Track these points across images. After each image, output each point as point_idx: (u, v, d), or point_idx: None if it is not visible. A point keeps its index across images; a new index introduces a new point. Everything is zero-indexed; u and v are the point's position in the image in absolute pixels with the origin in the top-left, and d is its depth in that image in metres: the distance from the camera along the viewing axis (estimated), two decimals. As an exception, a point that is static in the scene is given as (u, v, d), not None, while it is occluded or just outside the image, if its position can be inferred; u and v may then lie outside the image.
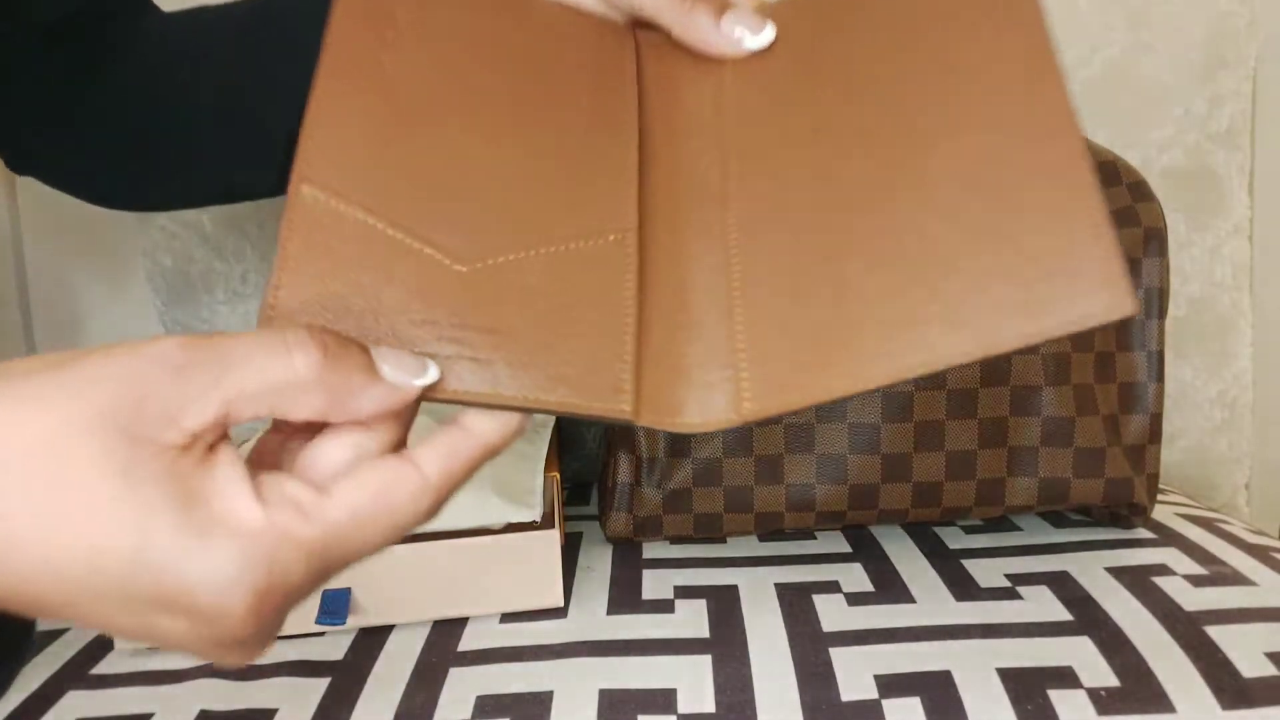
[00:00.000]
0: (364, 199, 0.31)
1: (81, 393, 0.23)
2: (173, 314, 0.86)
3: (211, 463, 0.24)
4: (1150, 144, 0.83)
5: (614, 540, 0.61)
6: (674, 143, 0.37)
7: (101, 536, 0.22)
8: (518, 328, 0.31)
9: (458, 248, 0.32)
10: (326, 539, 0.25)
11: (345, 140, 0.32)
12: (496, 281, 0.32)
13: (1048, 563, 0.55)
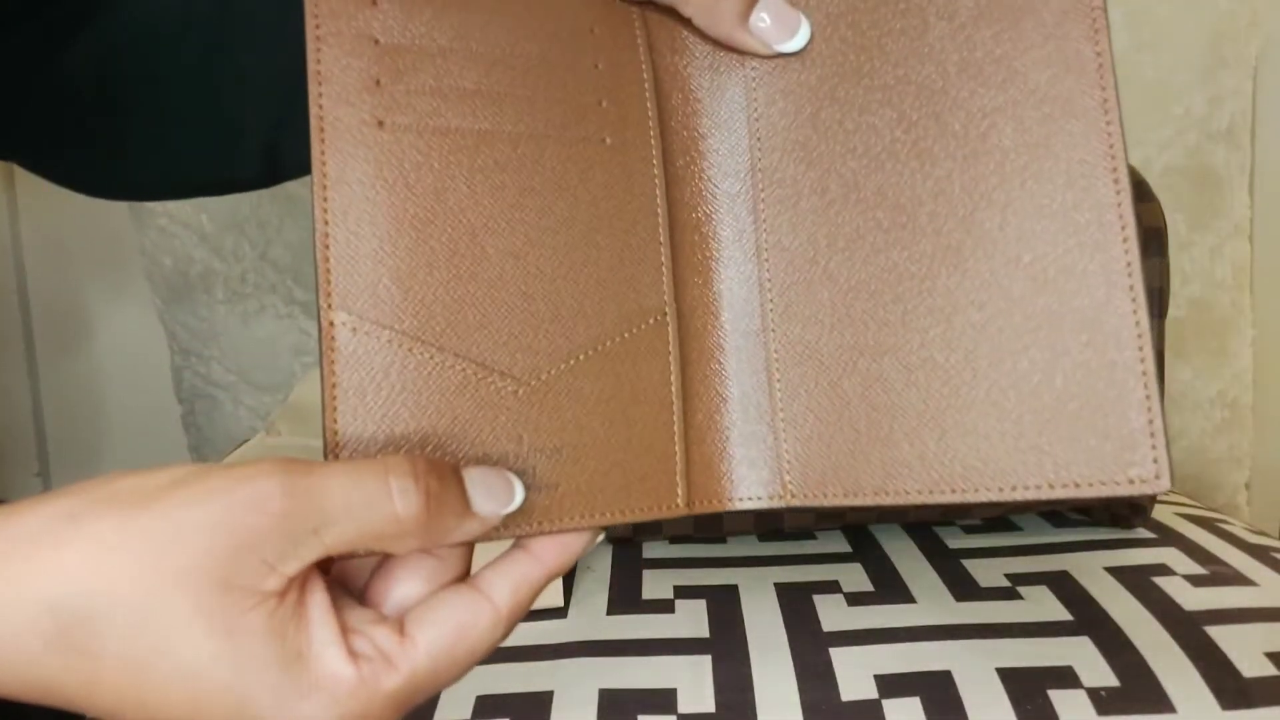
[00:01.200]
0: (402, 321, 0.28)
1: (175, 543, 0.22)
2: (172, 313, 0.86)
3: (306, 617, 0.24)
4: (1150, 144, 0.83)
5: (614, 540, 0.61)
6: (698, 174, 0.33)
7: (203, 695, 0.23)
8: (578, 444, 0.30)
9: (510, 362, 0.29)
10: (412, 684, 0.25)
11: (367, 252, 0.28)
12: (553, 393, 0.30)
13: (1048, 563, 0.55)
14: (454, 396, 0.28)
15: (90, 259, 0.94)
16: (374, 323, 0.28)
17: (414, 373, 0.28)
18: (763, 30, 0.31)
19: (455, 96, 0.30)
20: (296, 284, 0.84)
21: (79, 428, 0.96)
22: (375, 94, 0.29)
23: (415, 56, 0.30)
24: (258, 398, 0.85)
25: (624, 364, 0.31)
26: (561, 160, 0.31)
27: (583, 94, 0.32)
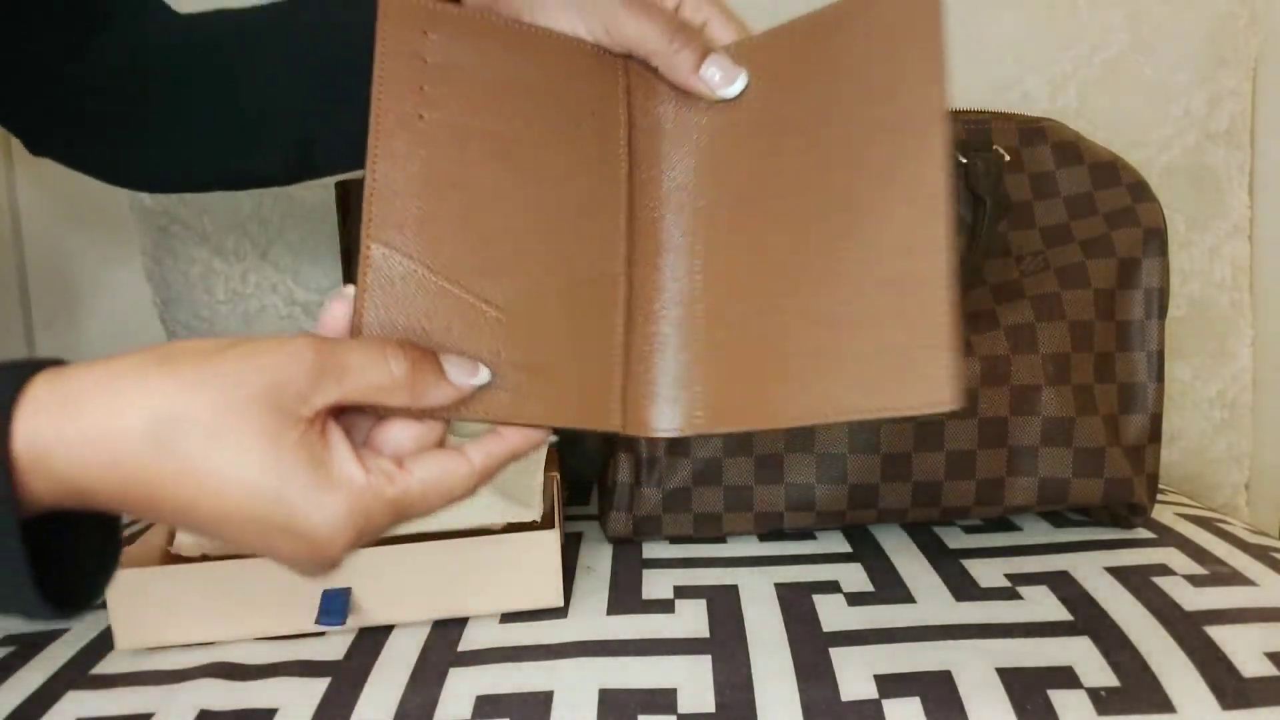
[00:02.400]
0: (419, 254, 0.38)
1: (238, 382, 0.31)
2: (172, 313, 0.86)
3: (328, 439, 0.33)
4: (1150, 144, 0.83)
5: (614, 540, 0.61)
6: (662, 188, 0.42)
7: (255, 484, 0.32)
8: (541, 362, 0.39)
9: (494, 294, 0.39)
10: (406, 499, 0.35)
11: (400, 203, 0.39)
12: (526, 324, 0.39)
13: (1048, 563, 0.55)
14: (449, 314, 0.38)
15: (90, 259, 0.94)
16: (398, 252, 0.38)
17: (421, 292, 0.38)
18: (710, 78, 0.41)
19: (476, 103, 0.40)
20: (297, 284, 0.84)
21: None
22: (419, 96, 0.40)
23: (451, 73, 0.41)
24: (258, 398, 0.85)
25: (583, 311, 0.40)
26: (550, 158, 0.41)
27: (573, 113, 0.42)
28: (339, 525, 0.33)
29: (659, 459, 0.59)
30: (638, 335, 0.41)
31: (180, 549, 0.53)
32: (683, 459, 0.59)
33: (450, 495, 0.37)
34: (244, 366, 0.32)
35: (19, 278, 0.94)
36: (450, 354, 0.37)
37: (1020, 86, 0.82)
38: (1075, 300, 0.58)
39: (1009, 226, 0.61)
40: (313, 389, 0.33)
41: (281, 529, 0.33)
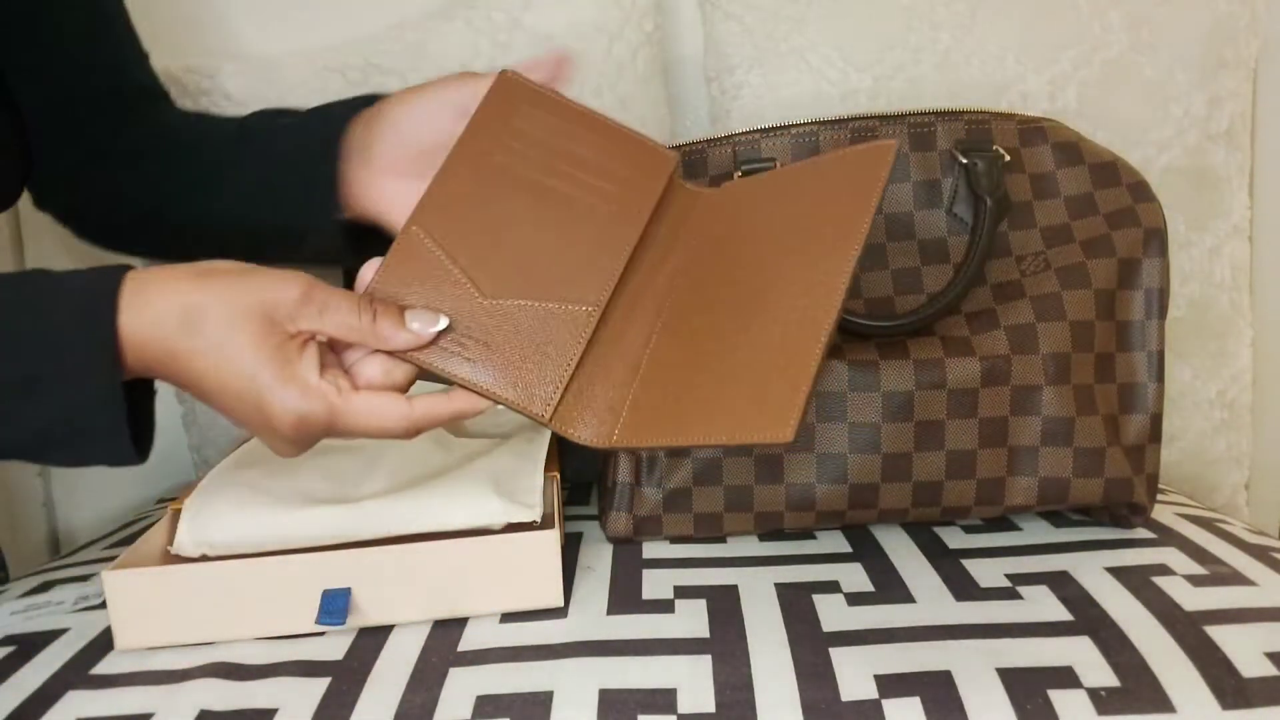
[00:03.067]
0: (444, 242, 0.50)
1: (249, 292, 0.44)
2: (172, 314, 0.86)
3: (304, 351, 0.45)
4: (1150, 144, 0.83)
5: (614, 540, 0.61)
6: (656, 256, 0.54)
7: (242, 367, 0.43)
8: (502, 347, 0.49)
9: (487, 286, 0.50)
10: (340, 409, 0.45)
11: (449, 204, 0.51)
12: (502, 314, 0.50)
13: (1048, 563, 0.55)
14: (445, 288, 0.50)
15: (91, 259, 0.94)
16: (429, 236, 0.50)
17: (433, 269, 0.50)
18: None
19: (533, 161, 0.53)
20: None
21: (79, 427, 0.96)
22: (494, 143, 0.53)
23: (524, 136, 0.54)
24: (258, 398, 0.85)
25: (556, 322, 0.50)
26: (576, 210, 0.53)
27: (609, 184, 0.54)
28: (288, 410, 0.44)
29: (659, 459, 0.59)
30: (591, 357, 0.50)
31: (180, 549, 0.53)
32: (683, 459, 0.59)
33: (382, 426, 0.45)
34: (253, 284, 0.44)
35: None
36: (417, 309, 0.48)
37: (1020, 86, 0.82)
38: (1075, 300, 0.58)
39: (1009, 226, 0.61)
40: (298, 313, 0.44)
41: (255, 406, 0.44)
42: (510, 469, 0.57)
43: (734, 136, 0.62)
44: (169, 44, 0.92)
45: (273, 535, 0.52)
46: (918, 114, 0.62)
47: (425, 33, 0.84)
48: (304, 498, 0.55)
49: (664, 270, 0.53)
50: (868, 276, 0.61)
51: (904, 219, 0.61)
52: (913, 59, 0.83)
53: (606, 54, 0.84)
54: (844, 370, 0.57)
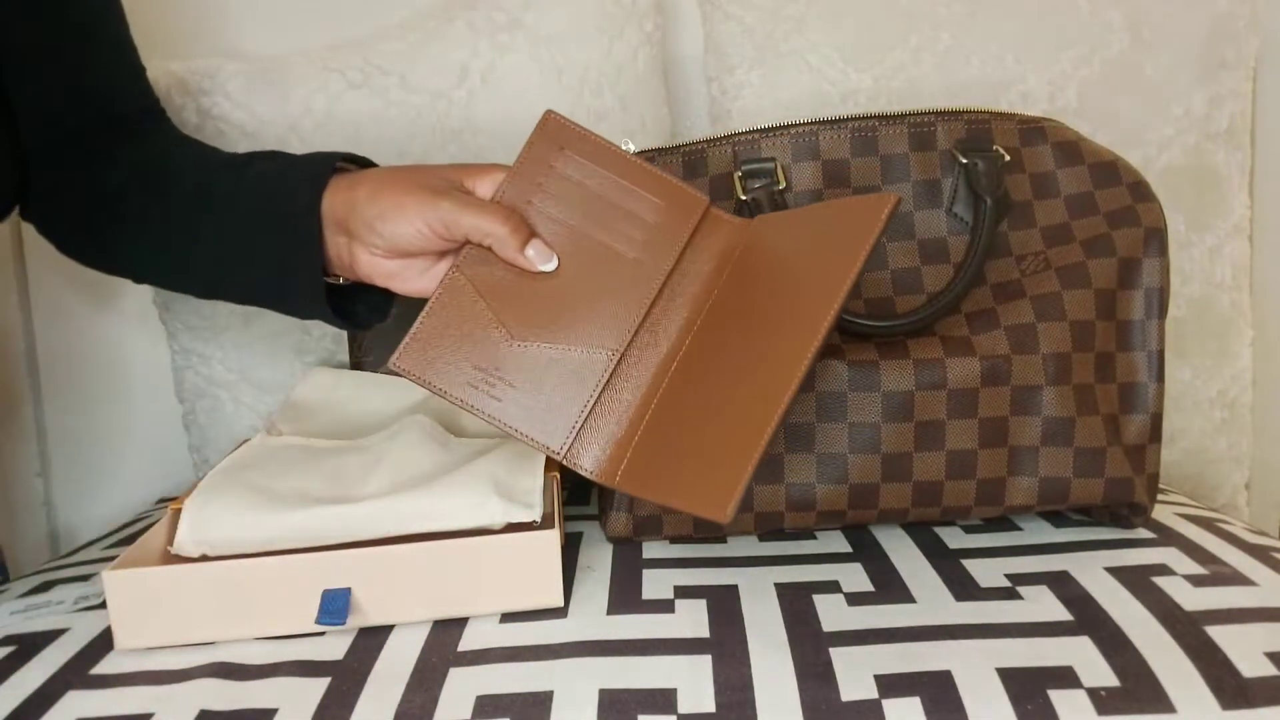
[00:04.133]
0: (480, 287, 0.56)
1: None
2: (173, 313, 0.86)
3: None
4: (1150, 144, 0.83)
5: (614, 540, 0.61)
6: (675, 303, 0.57)
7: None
8: (525, 387, 0.54)
9: (515, 330, 0.55)
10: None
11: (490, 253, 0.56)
12: (527, 358, 0.55)
13: (1048, 563, 0.55)
14: (477, 327, 0.55)
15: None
16: (470, 283, 0.56)
17: (470, 308, 0.55)
18: (530, 257, 0.56)
19: (571, 207, 0.57)
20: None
21: (79, 428, 0.96)
22: (536, 189, 0.57)
23: (565, 181, 0.58)
24: (258, 397, 0.85)
25: (577, 365, 0.55)
26: (605, 255, 0.57)
27: (639, 230, 0.57)
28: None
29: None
30: (606, 396, 0.55)
31: (180, 549, 0.53)
32: (683, 459, 0.59)
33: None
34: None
35: (19, 275, 0.94)
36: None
37: (1020, 86, 0.82)
38: (1075, 300, 0.58)
39: (1009, 226, 0.61)
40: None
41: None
42: (510, 469, 0.57)
43: (734, 136, 0.62)
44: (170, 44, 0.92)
45: (273, 535, 0.52)
46: (918, 114, 0.62)
47: (425, 33, 0.84)
48: (304, 498, 0.55)
49: (684, 312, 0.56)
50: (868, 276, 0.61)
51: (904, 219, 0.61)
52: (913, 59, 0.83)
53: (607, 54, 0.84)
54: (844, 370, 0.57)
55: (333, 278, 0.61)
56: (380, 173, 0.58)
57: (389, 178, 0.57)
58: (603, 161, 0.58)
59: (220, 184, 0.62)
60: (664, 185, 0.58)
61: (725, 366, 0.51)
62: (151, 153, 0.66)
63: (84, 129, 0.65)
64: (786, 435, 0.58)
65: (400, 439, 0.61)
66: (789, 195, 0.61)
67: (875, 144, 0.62)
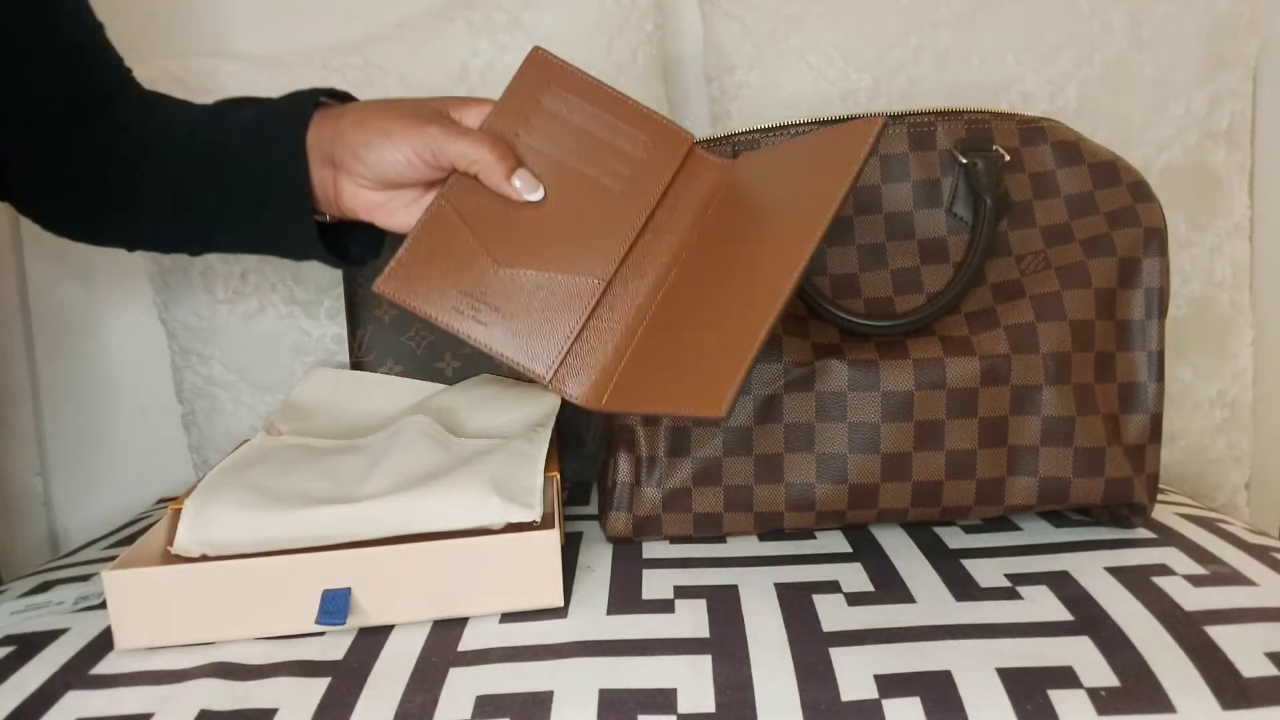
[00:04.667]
0: (465, 215, 0.56)
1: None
2: (173, 312, 0.86)
3: None
4: (1150, 144, 0.83)
5: (614, 540, 0.61)
6: (661, 235, 0.58)
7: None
8: (512, 312, 0.55)
9: (501, 256, 0.56)
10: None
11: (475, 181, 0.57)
12: (513, 282, 0.56)
13: (1048, 563, 0.55)
14: (464, 257, 0.56)
15: (91, 258, 0.94)
16: (455, 211, 0.56)
17: (456, 235, 0.56)
18: (517, 185, 0.56)
19: (557, 141, 0.58)
20: (297, 284, 0.84)
21: (79, 428, 0.96)
22: (523, 123, 0.58)
23: (552, 116, 0.59)
24: (258, 397, 0.85)
25: (564, 291, 0.56)
26: (592, 188, 0.58)
27: (625, 163, 0.58)
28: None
29: (659, 459, 0.59)
30: (593, 324, 0.55)
31: (180, 549, 0.53)
32: (683, 459, 0.59)
33: None
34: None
35: (18, 275, 0.94)
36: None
37: (1020, 86, 0.82)
38: (1075, 300, 0.58)
39: (1009, 226, 0.61)
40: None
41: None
42: (510, 469, 0.57)
43: (734, 136, 0.62)
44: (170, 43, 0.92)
45: (273, 535, 0.52)
46: (918, 114, 0.62)
47: (425, 33, 0.84)
48: (304, 498, 0.55)
49: (671, 243, 0.57)
50: (868, 276, 0.61)
51: (904, 218, 0.61)
52: (913, 59, 0.83)
53: (606, 54, 0.84)
54: (844, 370, 0.57)
55: (320, 215, 0.60)
56: (366, 103, 0.58)
57: (375, 107, 0.57)
58: (589, 97, 0.59)
59: (200, 134, 0.61)
60: (650, 121, 0.59)
61: (712, 290, 0.51)
62: (126, 115, 0.64)
63: (53, 99, 0.63)
64: (786, 435, 0.58)
65: (400, 439, 0.61)
66: (789, 195, 0.62)
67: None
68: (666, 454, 0.59)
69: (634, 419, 0.59)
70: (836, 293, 0.61)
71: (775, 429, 0.58)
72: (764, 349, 0.47)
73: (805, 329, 0.59)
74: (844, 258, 0.61)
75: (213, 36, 0.92)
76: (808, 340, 0.59)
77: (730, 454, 0.58)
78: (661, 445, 0.59)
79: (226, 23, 0.92)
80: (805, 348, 0.58)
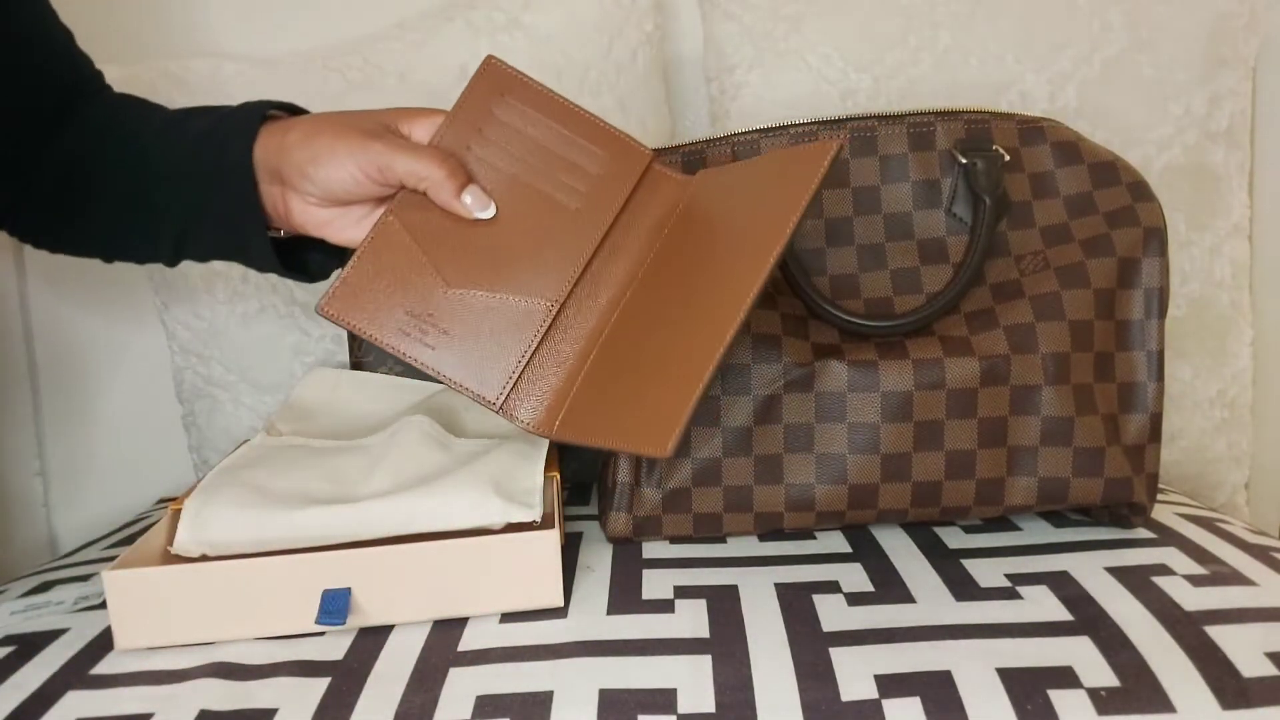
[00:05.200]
0: (414, 232, 0.54)
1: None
2: (173, 313, 0.86)
3: None
4: (1150, 144, 0.83)
5: (614, 540, 0.61)
6: (617, 255, 0.56)
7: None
8: (462, 335, 0.54)
9: (452, 276, 0.54)
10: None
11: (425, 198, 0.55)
12: (463, 304, 0.54)
13: (1048, 563, 0.55)
14: (413, 276, 0.54)
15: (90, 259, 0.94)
16: (404, 227, 0.54)
17: (404, 254, 0.54)
18: (466, 202, 0.55)
19: (511, 154, 0.56)
20: (296, 284, 0.84)
21: (79, 428, 0.96)
22: (476, 135, 0.57)
23: (505, 128, 0.57)
24: (258, 398, 0.85)
25: (514, 314, 0.54)
26: (546, 205, 0.56)
27: (580, 179, 0.57)
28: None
29: (658, 459, 0.59)
30: (545, 347, 0.54)
31: (180, 549, 0.53)
32: (682, 459, 0.59)
33: None
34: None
35: (18, 275, 0.94)
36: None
37: (1020, 86, 0.82)
38: (1075, 300, 0.58)
39: (1008, 226, 0.61)
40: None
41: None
42: (510, 469, 0.57)
43: (734, 136, 0.62)
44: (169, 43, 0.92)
45: (273, 535, 0.52)
46: (917, 114, 0.62)
47: (425, 33, 0.84)
48: (304, 498, 0.55)
49: (627, 264, 0.55)
50: (867, 277, 0.61)
51: (903, 219, 0.61)
52: (912, 59, 0.83)
53: (606, 54, 0.84)
54: (843, 370, 0.57)
55: (274, 230, 0.59)
56: (313, 117, 0.57)
57: (322, 121, 0.56)
58: (545, 109, 0.56)
59: (161, 145, 0.60)
60: (607, 136, 0.57)
61: (665, 315, 0.50)
62: (94, 120, 0.63)
63: (19, 106, 0.62)
64: (786, 435, 0.58)
65: (400, 439, 0.61)
66: (789, 195, 0.61)
67: (874, 144, 0.62)
68: (666, 454, 0.59)
69: None
70: (836, 293, 0.61)
71: (775, 429, 0.58)
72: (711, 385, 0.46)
73: (805, 329, 0.59)
74: (844, 258, 0.61)
75: (213, 37, 0.92)
76: (807, 341, 0.59)
77: (730, 454, 0.58)
78: (661, 445, 0.59)
79: (227, 23, 0.92)
80: (805, 348, 0.58)
